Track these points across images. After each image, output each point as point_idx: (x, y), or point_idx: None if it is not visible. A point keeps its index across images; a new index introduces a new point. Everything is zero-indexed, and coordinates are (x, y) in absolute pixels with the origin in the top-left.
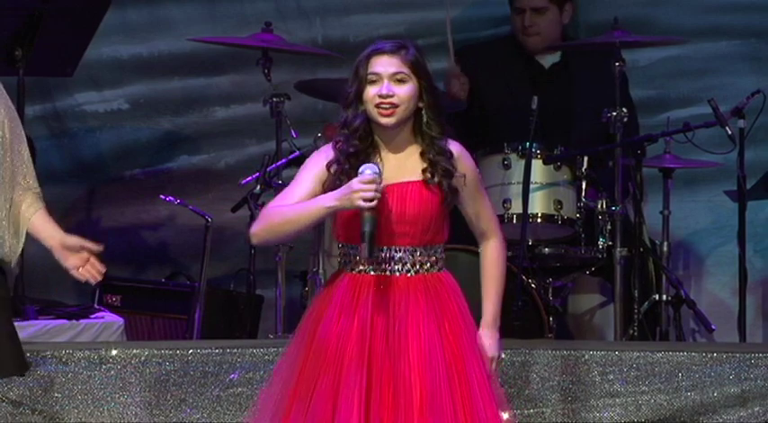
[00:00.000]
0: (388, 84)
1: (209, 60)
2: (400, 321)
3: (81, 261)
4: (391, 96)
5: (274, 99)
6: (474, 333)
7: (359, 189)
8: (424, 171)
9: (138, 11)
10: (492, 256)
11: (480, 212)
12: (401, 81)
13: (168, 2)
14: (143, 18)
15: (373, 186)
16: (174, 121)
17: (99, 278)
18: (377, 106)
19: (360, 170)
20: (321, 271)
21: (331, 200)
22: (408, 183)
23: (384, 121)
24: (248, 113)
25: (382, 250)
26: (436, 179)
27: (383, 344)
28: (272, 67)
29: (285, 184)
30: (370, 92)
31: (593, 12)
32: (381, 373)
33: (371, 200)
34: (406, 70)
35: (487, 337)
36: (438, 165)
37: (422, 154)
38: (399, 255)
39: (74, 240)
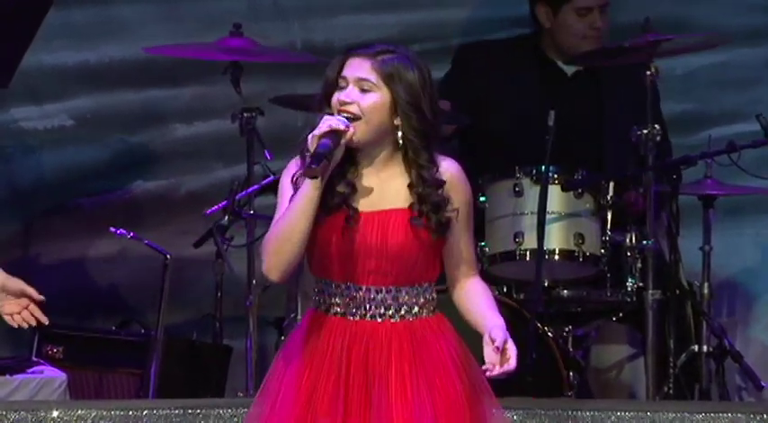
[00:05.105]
0: (353, 89)
1: (168, 69)
2: (381, 377)
3: (18, 308)
4: (350, 104)
5: (245, 114)
6: (476, 388)
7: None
8: (411, 206)
9: (84, 11)
10: (482, 285)
11: (466, 246)
12: (365, 90)
13: (119, 0)
14: (90, 19)
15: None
16: (127, 141)
17: (34, 324)
18: (339, 114)
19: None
20: (299, 317)
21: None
22: (391, 211)
23: None
24: (214, 131)
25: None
26: (424, 214)
27: (362, 403)
28: (243, 76)
29: (257, 215)
30: (334, 97)
31: (623, 12)
32: None
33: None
34: (373, 78)
35: (499, 327)
36: (427, 199)
37: (409, 186)
38: (380, 296)
39: (15, 284)
